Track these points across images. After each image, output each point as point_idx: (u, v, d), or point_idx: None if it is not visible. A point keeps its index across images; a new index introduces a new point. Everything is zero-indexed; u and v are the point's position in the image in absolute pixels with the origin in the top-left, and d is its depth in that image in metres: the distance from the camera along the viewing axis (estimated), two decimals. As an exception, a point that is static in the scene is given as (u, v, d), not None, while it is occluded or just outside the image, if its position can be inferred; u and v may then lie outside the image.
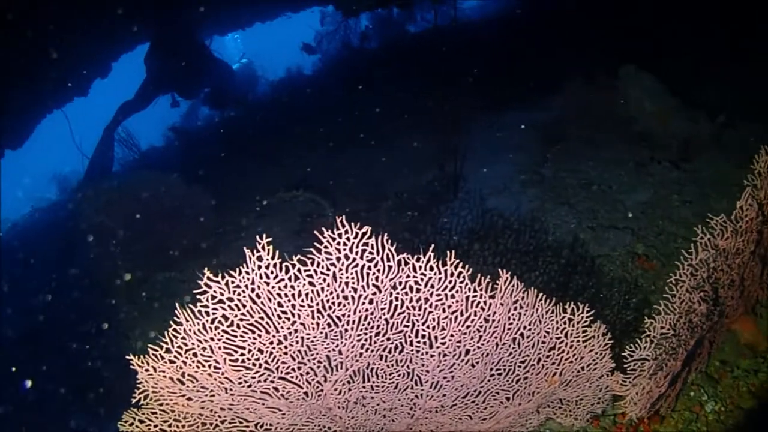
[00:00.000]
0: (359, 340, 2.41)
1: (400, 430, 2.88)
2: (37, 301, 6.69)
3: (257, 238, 2.21)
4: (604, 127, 7.04)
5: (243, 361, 2.38)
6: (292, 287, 2.25)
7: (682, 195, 5.43)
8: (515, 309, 2.49)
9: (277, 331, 2.33)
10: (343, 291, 2.28)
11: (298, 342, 2.37)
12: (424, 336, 2.46)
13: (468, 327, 2.45)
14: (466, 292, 2.37)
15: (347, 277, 2.27)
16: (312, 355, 2.43)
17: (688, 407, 3.35)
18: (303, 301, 2.27)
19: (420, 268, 2.31)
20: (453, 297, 2.37)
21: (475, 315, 2.43)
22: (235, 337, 2.33)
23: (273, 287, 2.25)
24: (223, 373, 2.41)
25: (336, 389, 2.57)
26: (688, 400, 3.40)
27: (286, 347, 2.37)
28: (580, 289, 4.24)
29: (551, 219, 5.46)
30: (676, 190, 5.55)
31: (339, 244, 2.22)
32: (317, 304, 2.29)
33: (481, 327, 2.46)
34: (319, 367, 2.47)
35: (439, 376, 2.60)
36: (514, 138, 7.24)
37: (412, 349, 2.49)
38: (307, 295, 2.27)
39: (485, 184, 6.30)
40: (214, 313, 2.28)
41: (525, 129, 7.28)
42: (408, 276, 2.31)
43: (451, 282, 2.35)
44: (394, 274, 2.29)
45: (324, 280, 2.25)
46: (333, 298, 2.29)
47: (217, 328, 2.31)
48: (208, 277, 2.23)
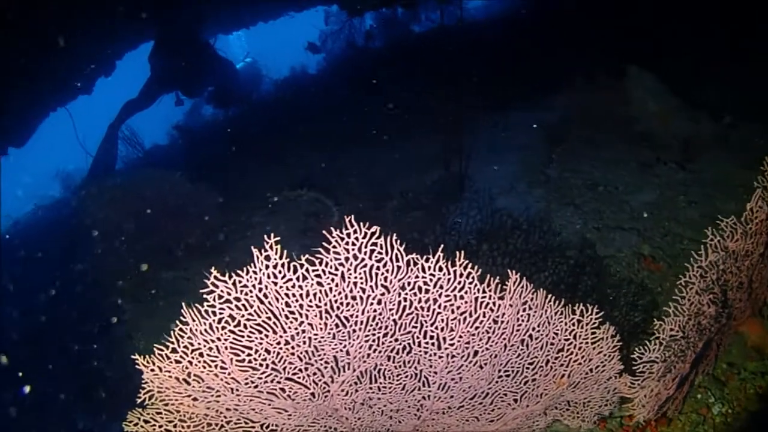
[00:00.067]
0: (367, 341, 2.40)
1: (407, 431, 2.87)
2: (39, 299, 6.68)
3: (265, 237, 2.19)
4: (608, 128, 7.01)
5: (250, 361, 2.37)
6: (300, 287, 2.24)
7: (687, 196, 5.41)
8: (524, 310, 2.48)
9: (285, 332, 2.32)
10: (351, 291, 2.27)
11: (305, 342, 2.36)
12: (432, 337, 2.44)
13: (477, 328, 2.43)
14: (475, 293, 2.36)
15: (356, 277, 2.25)
16: (319, 355, 2.41)
17: (695, 409, 3.34)
18: (311, 301, 2.26)
19: (429, 268, 2.29)
20: (462, 298, 2.35)
21: (484, 316, 2.42)
22: (242, 337, 2.31)
23: (281, 287, 2.24)
24: (229, 374, 2.39)
25: (343, 390, 2.56)
26: (695, 402, 3.38)
27: (293, 348, 2.36)
28: (589, 291, 4.22)
29: (557, 220, 5.44)
30: (681, 191, 5.52)
31: (348, 243, 2.21)
32: (325, 305, 2.27)
33: (489, 328, 2.45)
34: (326, 367, 2.46)
35: (447, 377, 2.58)
36: (519, 138, 7.21)
37: (420, 350, 2.48)
38: (315, 295, 2.25)
39: (491, 184, 6.27)
40: (221, 313, 2.27)
41: (530, 129, 7.25)
42: (417, 276, 2.29)
43: (460, 283, 2.33)
44: (403, 274, 2.27)
45: (332, 280, 2.23)
46: (341, 299, 2.28)
47: (223, 328, 2.29)
48: (215, 277, 2.21)
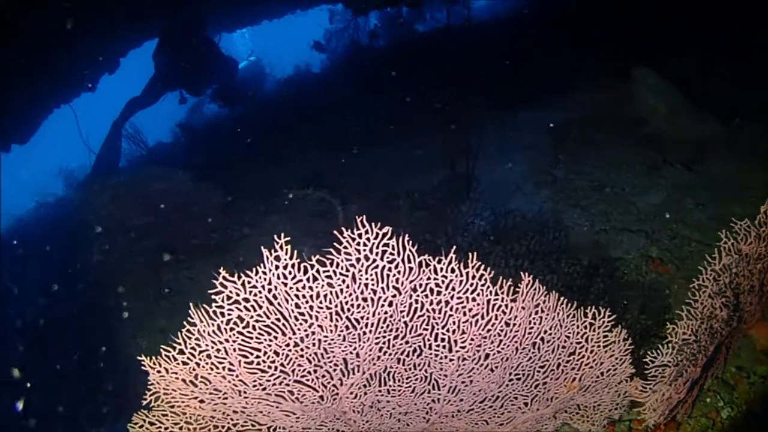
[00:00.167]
0: (377, 343, 2.37)
1: (415, 434, 2.84)
2: (42, 298, 6.65)
3: (275, 237, 2.16)
4: (615, 129, 6.99)
5: (258, 363, 2.34)
6: (311, 288, 2.20)
7: (695, 198, 5.38)
8: (536, 313, 2.45)
9: (294, 333, 2.29)
10: (362, 293, 2.24)
11: (315, 344, 2.32)
12: (443, 339, 2.41)
13: (488, 331, 2.40)
14: (487, 295, 2.33)
15: (367, 279, 2.22)
16: (329, 357, 2.38)
17: (705, 413, 3.32)
18: (321, 302, 2.23)
19: (441, 270, 2.26)
20: (474, 300, 2.32)
21: (496, 319, 2.38)
22: (251, 338, 2.28)
23: (291, 288, 2.20)
24: (237, 376, 2.36)
25: (352, 393, 2.52)
26: (704, 406, 3.37)
27: (302, 350, 2.33)
28: (601, 293, 4.19)
29: (565, 221, 5.41)
30: (689, 193, 5.49)
31: (359, 244, 2.18)
32: (336, 306, 2.24)
33: (501, 331, 2.42)
34: (335, 370, 2.43)
35: (458, 380, 2.55)
36: (526, 138, 7.18)
37: (431, 353, 2.45)
38: (325, 296, 2.22)
39: (498, 184, 6.24)
40: (229, 314, 2.24)
41: (536, 129, 7.22)
42: (429, 278, 2.26)
43: (472, 285, 2.30)
44: (415, 276, 2.24)
45: (343, 281, 2.20)
46: (352, 300, 2.24)
47: (232, 330, 2.26)
48: (224, 277, 2.18)
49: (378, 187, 6.85)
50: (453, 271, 2.27)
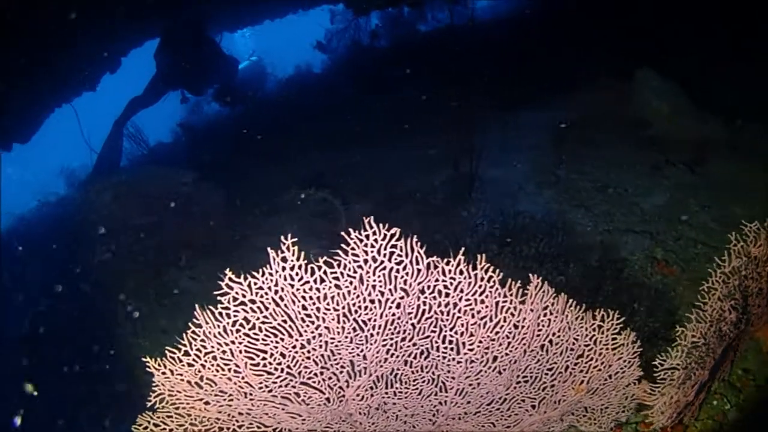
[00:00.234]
0: (384, 345, 2.34)
1: (421, 436, 2.82)
2: (42, 298, 6.62)
3: (281, 238, 2.14)
4: (615, 129, 6.98)
5: (264, 365, 2.32)
6: (318, 290, 2.18)
7: (698, 199, 5.36)
8: (545, 315, 2.42)
9: (301, 335, 2.26)
10: (369, 294, 2.21)
11: (321, 346, 2.30)
12: (451, 342, 2.39)
13: (497, 333, 2.38)
14: (495, 297, 2.30)
15: (374, 280, 2.19)
16: (335, 359, 2.36)
17: (711, 416, 3.30)
18: (328, 304, 2.20)
19: (450, 271, 2.23)
20: (482, 302, 2.29)
21: (504, 321, 2.36)
22: (257, 340, 2.26)
23: (297, 289, 2.18)
24: (243, 378, 2.34)
25: (358, 395, 2.50)
26: (711, 408, 3.34)
27: (309, 351, 2.31)
28: (610, 295, 4.16)
29: (570, 222, 5.38)
30: (691, 193, 5.47)
31: (367, 245, 2.15)
32: (343, 308, 2.22)
33: (510, 333, 2.39)
34: (342, 372, 2.41)
35: (465, 382, 2.53)
36: (528, 138, 7.16)
37: (439, 355, 2.42)
38: (332, 298, 2.19)
39: (500, 184, 6.22)
40: (235, 316, 2.21)
41: (539, 130, 7.20)
42: (437, 280, 2.24)
43: (481, 287, 2.27)
44: (423, 277, 2.22)
45: (350, 282, 2.18)
46: (359, 302, 2.22)
47: (238, 331, 2.24)
48: (230, 278, 2.16)
49: (379, 187, 6.83)
50: (461, 272, 2.24)
